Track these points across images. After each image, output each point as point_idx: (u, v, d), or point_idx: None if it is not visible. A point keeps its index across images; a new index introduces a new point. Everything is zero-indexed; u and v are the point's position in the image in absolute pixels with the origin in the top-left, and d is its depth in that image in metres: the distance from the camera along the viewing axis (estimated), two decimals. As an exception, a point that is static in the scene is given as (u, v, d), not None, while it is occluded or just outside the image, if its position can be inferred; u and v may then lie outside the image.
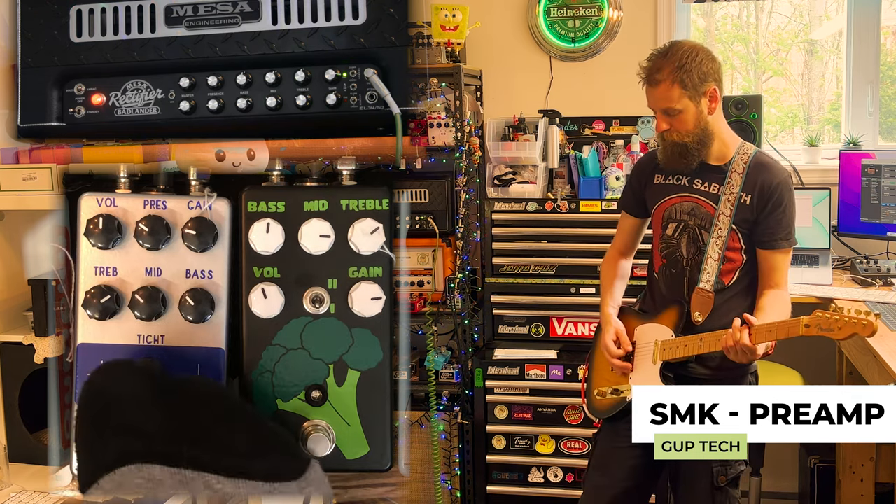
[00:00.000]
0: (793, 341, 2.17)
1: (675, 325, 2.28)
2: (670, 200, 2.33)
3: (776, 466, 3.57)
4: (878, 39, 3.60)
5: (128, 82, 1.82)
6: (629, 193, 2.50)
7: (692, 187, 2.30)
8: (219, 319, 1.64)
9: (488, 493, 3.31)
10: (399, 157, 1.72)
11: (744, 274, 2.29)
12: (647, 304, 2.44)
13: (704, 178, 2.29)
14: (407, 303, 3.18)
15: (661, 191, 2.36)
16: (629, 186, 2.51)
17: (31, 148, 1.95)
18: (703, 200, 2.29)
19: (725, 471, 2.28)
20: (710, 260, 2.26)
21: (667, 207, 2.34)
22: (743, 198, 2.24)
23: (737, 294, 2.30)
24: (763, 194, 2.23)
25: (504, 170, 3.36)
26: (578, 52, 3.69)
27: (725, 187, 2.25)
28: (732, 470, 2.30)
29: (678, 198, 2.32)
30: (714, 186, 2.27)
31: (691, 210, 2.30)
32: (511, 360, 3.25)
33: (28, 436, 2.22)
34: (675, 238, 2.33)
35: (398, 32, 1.73)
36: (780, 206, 2.24)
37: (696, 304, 2.27)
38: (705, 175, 2.29)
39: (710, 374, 2.29)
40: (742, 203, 2.24)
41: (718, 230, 2.24)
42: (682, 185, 2.32)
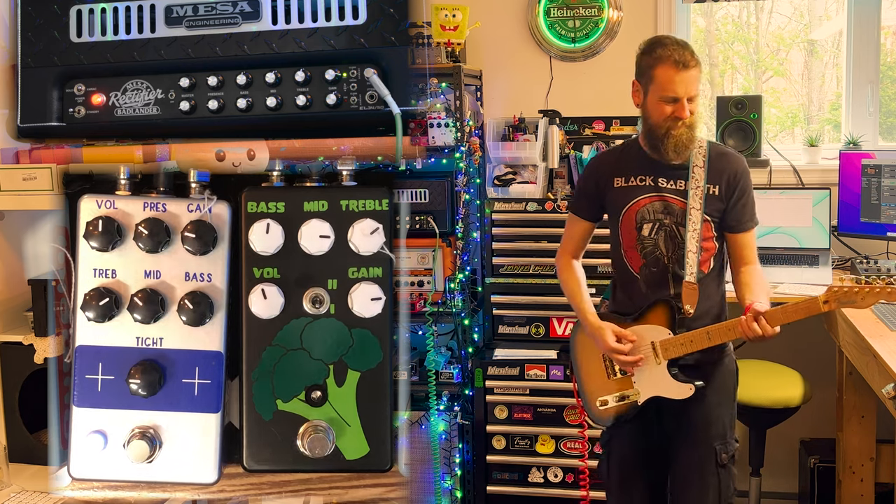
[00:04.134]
0: (792, 341, 2.19)
1: (669, 322, 2.33)
2: (640, 202, 2.38)
3: (776, 466, 3.57)
4: (878, 39, 3.60)
5: (128, 82, 1.81)
6: (584, 199, 2.52)
7: (658, 186, 2.37)
8: (218, 322, 1.64)
9: (488, 493, 3.31)
10: (399, 157, 1.72)
11: (717, 259, 2.40)
12: (622, 306, 2.46)
13: (668, 177, 2.36)
14: (407, 303, 3.18)
15: (627, 193, 2.40)
16: (583, 192, 2.53)
17: (31, 148, 1.95)
18: (672, 198, 2.36)
19: (725, 448, 2.42)
20: (690, 253, 2.32)
21: (638, 209, 2.38)
22: (711, 189, 2.34)
23: (713, 279, 2.41)
24: (730, 184, 2.35)
25: (504, 170, 3.36)
26: (578, 52, 3.69)
27: (691, 182, 2.33)
28: (730, 447, 2.44)
29: (648, 198, 2.38)
30: (680, 183, 2.35)
31: (664, 209, 2.36)
32: (511, 360, 3.25)
33: (28, 436, 2.22)
34: (652, 238, 2.37)
35: (398, 32, 1.73)
36: (745, 192, 2.37)
37: (686, 297, 2.34)
38: (667, 173, 2.36)
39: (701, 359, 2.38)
40: (710, 194, 2.34)
41: (693, 223, 2.31)
42: (647, 185, 2.38)
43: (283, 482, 1.68)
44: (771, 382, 3.11)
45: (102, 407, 1.64)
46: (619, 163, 2.44)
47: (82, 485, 1.67)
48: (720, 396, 2.43)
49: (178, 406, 1.64)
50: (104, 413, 1.64)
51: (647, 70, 2.31)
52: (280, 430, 1.64)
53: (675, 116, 2.27)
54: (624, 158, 2.44)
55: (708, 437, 2.41)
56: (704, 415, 2.41)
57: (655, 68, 2.29)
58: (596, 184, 2.46)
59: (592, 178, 2.49)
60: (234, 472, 1.67)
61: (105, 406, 1.64)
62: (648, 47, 2.34)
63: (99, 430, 1.63)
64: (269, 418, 1.64)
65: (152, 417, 1.64)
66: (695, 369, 2.36)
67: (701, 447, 2.41)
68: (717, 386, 2.41)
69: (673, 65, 2.26)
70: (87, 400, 1.64)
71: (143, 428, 1.63)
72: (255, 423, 1.64)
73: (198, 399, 1.64)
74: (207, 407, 1.64)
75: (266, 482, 1.68)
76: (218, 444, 1.65)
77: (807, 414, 3.24)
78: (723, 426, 2.43)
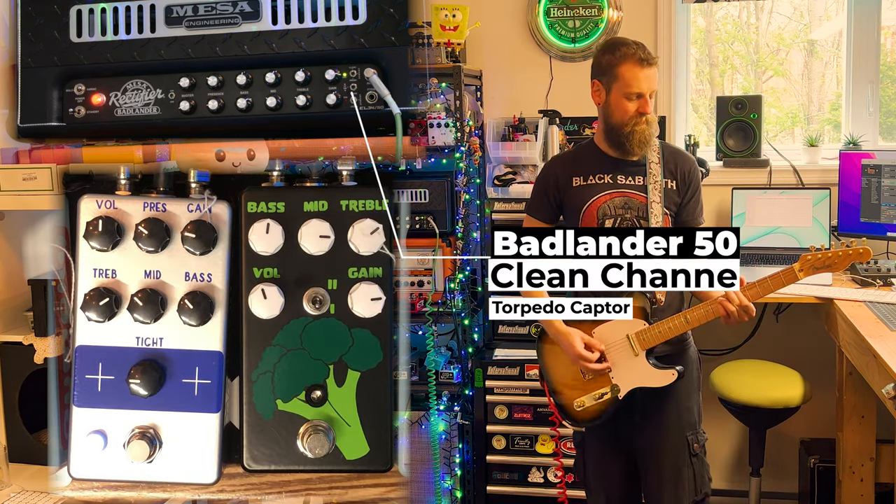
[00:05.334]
0: (793, 341, 2.20)
1: (644, 313, 2.35)
2: (601, 199, 2.42)
3: (776, 466, 3.57)
4: (878, 39, 3.60)
5: (128, 82, 1.81)
6: (543, 200, 2.54)
7: (617, 183, 2.42)
8: (218, 322, 1.64)
9: (488, 493, 3.31)
10: (399, 157, 1.72)
11: None
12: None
13: (626, 173, 2.43)
14: (407, 303, 3.18)
15: (585, 192, 2.44)
16: (542, 193, 2.54)
17: (31, 148, 1.95)
18: (632, 193, 2.41)
19: (696, 438, 2.47)
20: None
21: (599, 205, 2.42)
22: (668, 184, 2.42)
23: None
24: (685, 180, 2.44)
25: (504, 170, 3.36)
26: (578, 52, 3.69)
27: (649, 177, 2.40)
28: (701, 437, 2.49)
29: (608, 195, 2.42)
30: (638, 178, 2.42)
31: (624, 204, 2.40)
32: (511, 360, 3.25)
33: (28, 436, 2.22)
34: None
35: (398, 32, 1.72)
36: (697, 188, 2.48)
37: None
38: (625, 170, 2.43)
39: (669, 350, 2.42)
40: (668, 188, 2.42)
41: (654, 216, 2.38)
42: (605, 182, 2.43)
43: (283, 482, 1.68)
44: (771, 382, 3.11)
45: (102, 407, 1.64)
46: (577, 163, 2.49)
47: (82, 485, 1.67)
48: (688, 386, 2.47)
49: (178, 406, 1.64)
50: (104, 413, 1.64)
51: (610, 68, 2.38)
52: (280, 430, 1.64)
53: (639, 112, 2.35)
54: (581, 158, 2.50)
55: (680, 427, 2.45)
56: (675, 406, 2.45)
57: (619, 66, 2.36)
58: (555, 184, 2.50)
59: (551, 179, 2.51)
60: (234, 472, 1.67)
61: (105, 406, 1.64)
62: (610, 46, 2.42)
63: (99, 430, 1.63)
64: (269, 418, 1.64)
65: (152, 417, 1.64)
66: (669, 358, 2.40)
67: (673, 438, 2.45)
68: (685, 376, 2.43)
69: (637, 62, 2.34)
70: (87, 400, 1.64)
71: (143, 428, 1.63)
72: (255, 423, 1.64)
73: (198, 399, 1.64)
74: (207, 407, 1.64)
75: (266, 482, 1.68)
76: (218, 444, 1.65)
77: (807, 414, 3.24)
78: (692, 416, 2.48)
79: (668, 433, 2.45)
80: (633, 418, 2.47)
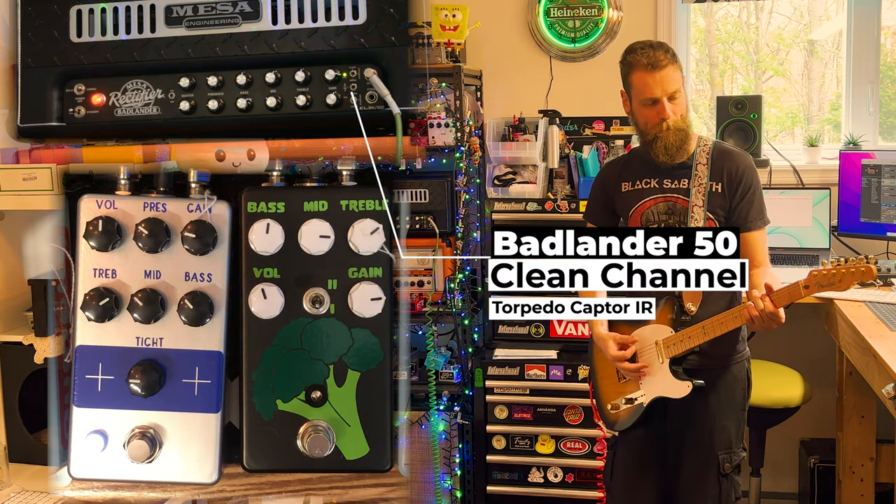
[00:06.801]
0: (793, 341, 2.20)
1: (672, 320, 2.32)
2: (645, 204, 2.40)
3: (776, 466, 3.57)
4: (878, 39, 3.60)
5: (128, 82, 1.81)
6: (597, 206, 2.55)
7: (663, 188, 2.39)
8: (218, 322, 1.64)
9: (488, 493, 3.31)
10: (399, 157, 1.72)
11: None
12: None
13: (672, 177, 2.38)
14: (407, 303, 3.18)
15: (633, 197, 2.42)
16: (596, 199, 2.56)
17: (31, 148, 1.95)
18: (676, 197, 2.37)
19: (730, 458, 2.40)
20: None
21: (643, 211, 2.40)
22: (713, 187, 2.34)
23: None
24: (732, 181, 2.34)
25: (504, 170, 3.36)
26: (578, 52, 3.69)
27: (693, 180, 2.34)
28: (735, 457, 2.41)
29: (652, 200, 2.39)
30: (683, 182, 2.36)
31: (668, 209, 2.37)
32: (511, 360, 3.25)
33: (28, 436, 2.22)
34: None
35: (398, 32, 1.72)
36: (749, 188, 2.35)
37: (687, 295, 2.32)
38: (672, 173, 2.38)
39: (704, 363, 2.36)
40: (713, 192, 2.34)
41: (695, 221, 2.32)
42: (652, 188, 2.40)
43: (283, 482, 1.68)
44: (771, 382, 3.11)
45: (102, 407, 1.64)
46: (626, 168, 2.48)
47: (82, 485, 1.67)
48: (725, 404, 2.41)
49: (178, 406, 1.64)
50: (104, 413, 1.64)
51: (626, 78, 2.37)
52: (280, 430, 1.64)
53: (659, 118, 2.30)
54: (630, 164, 2.49)
55: (712, 445, 2.40)
56: (709, 423, 2.39)
57: (631, 75, 2.34)
58: (605, 191, 2.51)
59: (603, 186, 2.53)
60: (234, 472, 1.67)
61: (105, 406, 1.64)
62: (623, 56, 2.39)
63: (99, 430, 1.63)
64: (269, 418, 1.64)
65: (152, 417, 1.64)
66: (699, 373, 2.33)
67: (704, 456, 2.40)
68: (722, 393, 2.39)
69: (644, 68, 2.29)
70: (87, 400, 1.64)
71: (143, 428, 1.63)
72: (255, 423, 1.64)
73: (198, 399, 1.64)
74: (207, 407, 1.64)
75: (266, 482, 1.68)
76: (218, 444, 1.65)
77: (807, 414, 3.24)
78: (728, 435, 2.41)
79: (699, 450, 2.40)
80: (667, 432, 2.44)
